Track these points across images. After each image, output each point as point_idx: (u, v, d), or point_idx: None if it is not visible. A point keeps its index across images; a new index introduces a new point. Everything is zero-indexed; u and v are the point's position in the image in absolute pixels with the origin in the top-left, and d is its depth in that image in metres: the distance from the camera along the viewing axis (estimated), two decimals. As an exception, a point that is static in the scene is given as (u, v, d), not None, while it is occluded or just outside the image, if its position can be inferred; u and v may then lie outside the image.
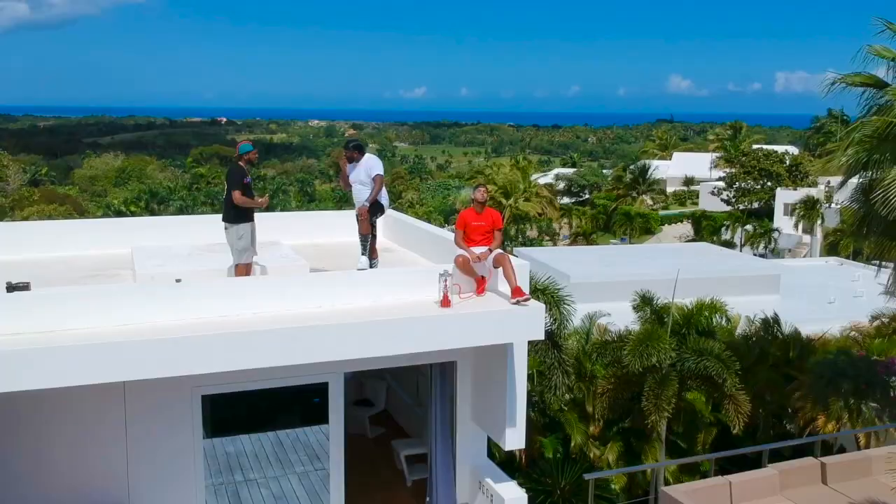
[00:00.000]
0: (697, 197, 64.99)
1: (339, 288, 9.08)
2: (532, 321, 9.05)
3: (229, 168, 9.67)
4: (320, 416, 10.57)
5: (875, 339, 20.86)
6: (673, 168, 79.49)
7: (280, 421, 11.22)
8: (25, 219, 48.38)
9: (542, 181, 71.30)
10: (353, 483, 10.86)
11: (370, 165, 9.85)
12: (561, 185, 76.31)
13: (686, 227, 54.70)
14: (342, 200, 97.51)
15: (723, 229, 47.39)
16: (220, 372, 8.50)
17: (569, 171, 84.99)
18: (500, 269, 9.39)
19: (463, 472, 10.85)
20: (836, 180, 33.09)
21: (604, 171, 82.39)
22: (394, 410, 13.66)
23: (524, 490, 10.39)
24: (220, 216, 10.28)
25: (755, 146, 66.27)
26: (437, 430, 10.95)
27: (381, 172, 9.91)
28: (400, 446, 11.91)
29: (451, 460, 10.86)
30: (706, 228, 48.98)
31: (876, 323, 21.37)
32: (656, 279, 21.08)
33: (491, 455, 11.54)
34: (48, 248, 12.50)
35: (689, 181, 72.96)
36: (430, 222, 21.60)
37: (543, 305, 9.43)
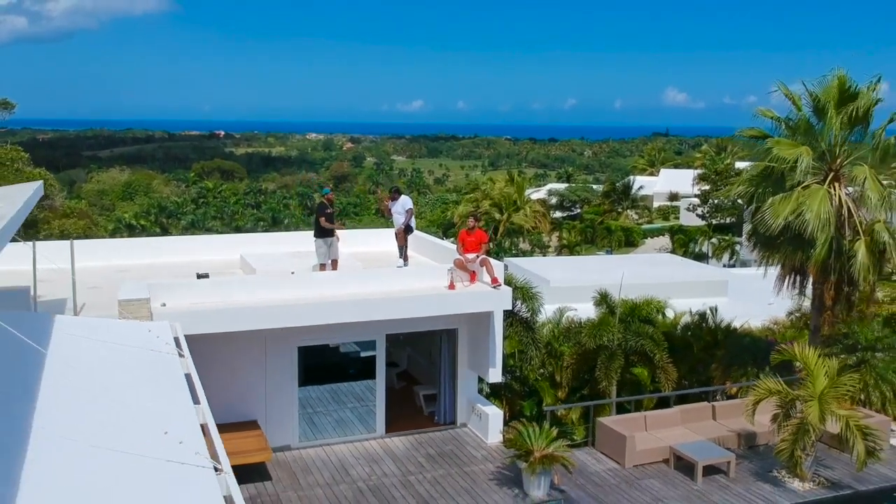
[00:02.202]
0: (679, 212, 70.94)
1: (386, 278, 15.02)
2: (505, 298, 15.02)
3: (318, 203, 15.71)
4: (370, 374, 16.54)
5: (789, 328, 26.87)
6: (659, 184, 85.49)
7: (345, 375, 17.08)
8: (62, 231, 53.63)
9: (535, 196, 77.27)
10: (389, 415, 16.76)
11: (404, 202, 15.90)
12: (553, 200, 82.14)
13: (666, 240, 60.58)
14: (341, 214, 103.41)
15: (692, 243, 53.22)
16: (313, 326, 14.43)
17: (561, 186, 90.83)
18: (485, 268, 15.33)
19: (462, 402, 16.79)
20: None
21: (594, 186, 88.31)
22: (412, 369, 19.56)
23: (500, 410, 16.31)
24: (270, 234, 16.34)
25: (739, 163, 72.07)
26: (445, 376, 16.89)
27: (412, 207, 15.96)
28: (419, 389, 17.86)
29: (453, 395, 16.81)
30: (677, 241, 54.96)
31: (791, 317, 27.31)
32: (617, 283, 26.91)
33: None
34: (172, 255, 18.43)
35: (673, 196, 78.95)
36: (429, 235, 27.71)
37: (511, 289, 15.40)
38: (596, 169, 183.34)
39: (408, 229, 16.03)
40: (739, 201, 21.40)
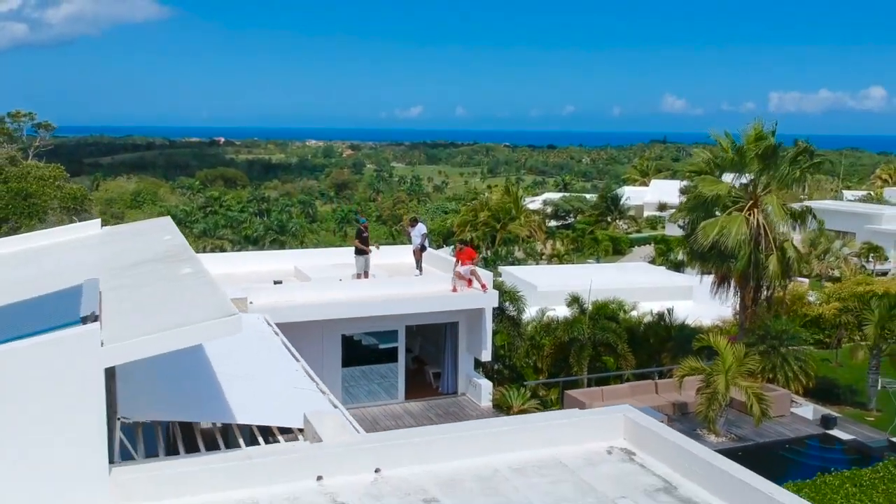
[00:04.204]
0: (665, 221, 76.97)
1: (406, 284, 21.04)
2: (493, 298, 21.07)
3: (356, 230, 21.80)
4: (393, 358, 22.54)
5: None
6: (649, 194, 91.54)
7: (374, 359, 23.07)
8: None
9: (531, 206, 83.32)
10: (407, 387, 22.77)
11: (420, 228, 22.04)
12: (549, 210, 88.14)
13: (652, 249, 66.53)
14: (343, 220, 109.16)
15: (671, 252, 59.14)
16: (354, 318, 20.45)
17: (556, 195, 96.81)
18: (475, 277, 21.37)
19: (462, 376, 22.81)
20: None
21: (587, 196, 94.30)
22: (423, 354, 25.57)
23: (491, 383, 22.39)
24: (310, 250, 22.56)
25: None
26: (449, 358, 22.93)
27: (426, 232, 22.00)
28: (429, 367, 23.92)
29: (455, 372, 22.85)
30: (658, 251, 60.95)
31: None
32: (598, 288, 32.84)
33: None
34: (236, 266, 24.41)
35: (662, 206, 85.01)
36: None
37: (498, 292, 21.43)
38: (594, 176, 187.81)
39: (423, 248, 22.16)
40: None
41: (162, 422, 11.96)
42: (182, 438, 11.65)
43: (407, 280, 21.47)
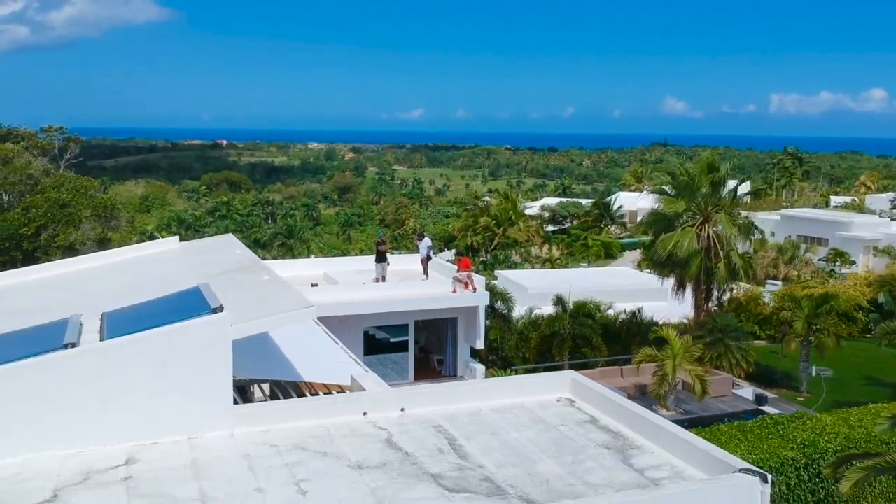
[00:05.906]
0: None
1: (415, 287, 26.68)
2: (484, 298, 26.75)
3: (376, 242, 27.51)
4: (404, 349, 28.18)
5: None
6: (642, 200, 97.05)
7: (388, 350, 28.68)
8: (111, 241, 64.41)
9: (529, 211, 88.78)
10: (415, 371, 28.39)
11: (426, 242, 27.71)
12: (546, 215, 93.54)
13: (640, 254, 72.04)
14: (346, 224, 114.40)
15: (654, 256, 64.76)
16: (373, 314, 26.13)
17: (554, 200, 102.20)
18: (469, 281, 27.02)
19: (460, 362, 28.48)
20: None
21: (583, 202, 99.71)
22: (428, 345, 31.19)
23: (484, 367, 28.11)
24: (335, 258, 28.22)
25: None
26: (450, 347, 28.60)
27: (431, 244, 27.64)
28: (432, 356, 29.57)
29: (454, 358, 28.52)
30: (644, 255, 66.53)
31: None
32: (582, 289, 38.34)
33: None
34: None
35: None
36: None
37: (488, 293, 27.12)
38: (594, 179, 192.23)
39: (428, 258, 27.88)
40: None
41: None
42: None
43: (415, 283, 27.16)
